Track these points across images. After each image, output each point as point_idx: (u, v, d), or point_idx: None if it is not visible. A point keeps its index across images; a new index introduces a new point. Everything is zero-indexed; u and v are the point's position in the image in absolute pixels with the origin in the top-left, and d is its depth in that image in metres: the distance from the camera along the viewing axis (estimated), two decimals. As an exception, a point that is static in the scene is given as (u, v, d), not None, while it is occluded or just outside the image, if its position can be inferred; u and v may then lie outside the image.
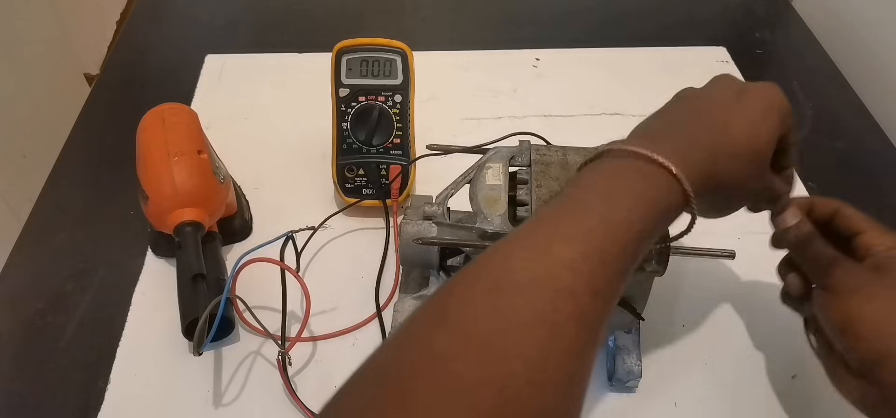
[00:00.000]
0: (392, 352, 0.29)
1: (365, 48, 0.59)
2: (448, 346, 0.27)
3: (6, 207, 0.98)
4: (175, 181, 0.53)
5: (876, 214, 0.45)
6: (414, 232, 0.49)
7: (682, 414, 0.51)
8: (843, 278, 0.41)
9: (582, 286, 0.29)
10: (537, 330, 0.27)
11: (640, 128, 0.40)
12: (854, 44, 0.85)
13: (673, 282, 0.58)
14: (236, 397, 0.51)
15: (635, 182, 0.33)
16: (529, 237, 0.31)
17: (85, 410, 0.50)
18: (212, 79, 0.81)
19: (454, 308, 0.29)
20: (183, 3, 0.97)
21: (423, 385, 0.26)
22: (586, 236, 0.30)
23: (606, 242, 0.31)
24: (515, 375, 0.26)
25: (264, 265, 0.49)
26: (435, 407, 0.25)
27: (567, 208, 0.33)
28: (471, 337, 0.27)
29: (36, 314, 0.57)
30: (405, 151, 0.61)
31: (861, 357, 0.39)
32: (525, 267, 0.29)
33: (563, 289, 0.28)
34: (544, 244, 0.30)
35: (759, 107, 0.38)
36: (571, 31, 0.90)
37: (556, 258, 0.29)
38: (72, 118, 0.76)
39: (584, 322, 0.29)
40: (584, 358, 0.29)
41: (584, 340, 0.29)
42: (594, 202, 0.32)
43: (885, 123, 0.76)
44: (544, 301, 0.28)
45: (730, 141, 0.37)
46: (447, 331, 0.28)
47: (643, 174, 0.34)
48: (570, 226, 0.31)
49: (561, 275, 0.29)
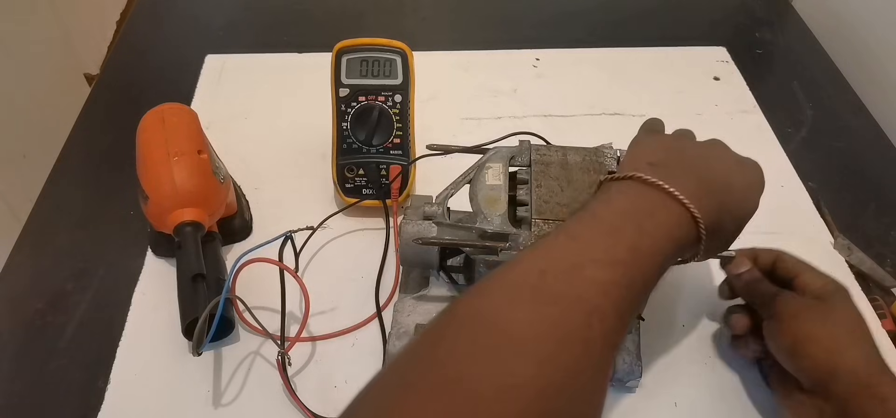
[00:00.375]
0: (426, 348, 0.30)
1: (365, 48, 0.59)
2: (494, 344, 0.29)
3: (6, 207, 0.98)
4: (175, 181, 0.53)
5: (875, 214, 0.46)
6: (414, 232, 0.49)
7: (682, 414, 0.51)
8: (789, 306, 0.45)
9: (611, 308, 0.31)
10: (574, 343, 0.30)
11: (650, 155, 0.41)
12: (854, 44, 0.85)
13: (673, 282, 0.58)
14: (236, 397, 0.51)
15: (663, 216, 0.36)
16: (564, 255, 0.33)
17: (85, 410, 0.50)
18: (212, 79, 0.81)
19: (497, 311, 0.30)
20: (183, 3, 0.97)
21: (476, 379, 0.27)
22: (618, 263, 0.33)
23: (634, 270, 0.33)
24: (554, 382, 0.28)
25: (264, 265, 0.49)
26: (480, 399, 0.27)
27: (601, 230, 0.35)
28: (515, 340, 0.29)
29: (36, 314, 0.57)
30: (405, 151, 0.61)
31: (814, 374, 0.43)
32: (561, 284, 0.31)
33: (595, 310, 0.31)
34: (579, 264, 0.32)
35: (754, 179, 0.43)
36: (571, 31, 0.90)
37: (590, 280, 0.32)
38: (72, 118, 0.76)
39: (610, 341, 0.32)
40: (607, 373, 0.32)
41: (608, 358, 0.32)
42: (628, 230, 0.35)
43: (885, 123, 0.76)
44: (580, 318, 0.30)
45: (732, 200, 0.41)
46: (493, 331, 0.29)
47: (670, 211, 0.36)
48: (604, 251, 0.33)
49: (593, 297, 0.31)
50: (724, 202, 0.40)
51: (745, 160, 0.44)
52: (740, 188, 0.41)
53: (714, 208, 0.38)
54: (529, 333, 0.29)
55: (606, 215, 0.36)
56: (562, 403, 0.28)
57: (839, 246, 0.62)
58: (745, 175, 0.42)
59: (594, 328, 0.30)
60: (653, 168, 0.38)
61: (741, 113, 0.77)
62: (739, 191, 0.41)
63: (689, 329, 0.56)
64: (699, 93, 0.80)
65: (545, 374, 0.28)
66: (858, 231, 0.64)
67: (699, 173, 0.39)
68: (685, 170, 0.39)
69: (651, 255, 0.34)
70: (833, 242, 0.63)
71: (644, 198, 0.37)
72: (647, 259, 0.34)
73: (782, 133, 0.74)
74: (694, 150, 0.43)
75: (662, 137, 0.45)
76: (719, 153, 0.43)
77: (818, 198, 0.66)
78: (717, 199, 0.39)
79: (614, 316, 0.31)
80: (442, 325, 0.31)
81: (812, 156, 0.72)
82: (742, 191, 0.41)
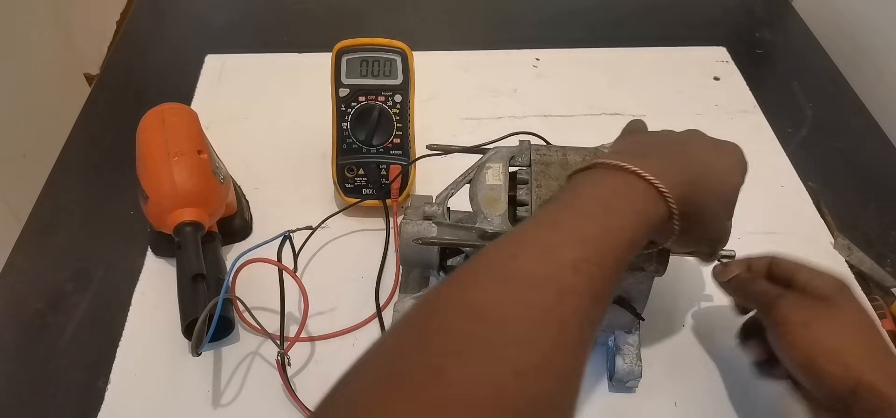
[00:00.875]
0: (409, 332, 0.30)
1: (365, 48, 0.59)
2: (469, 328, 0.29)
3: (6, 207, 0.98)
4: (175, 181, 0.53)
5: (875, 214, 0.46)
6: (414, 232, 0.49)
7: (682, 414, 0.51)
8: (792, 311, 0.43)
9: (583, 286, 0.31)
10: (548, 323, 0.30)
11: (622, 148, 0.43)
12: (854, 44, 0.85)
13: (673, 282, 0.58)
14: (236, 397, 0.51)
15: (629, 195, 0.36)
16: (534, 238, 0.34)
17: (85, 410, 0.50)
18: (212, 79, 0.81)
19: (472, 295, 0.31)
20: (183, 3, 0.97)
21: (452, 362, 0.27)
22: (587, 241, 0.33)
23: (604, 247, 0.33)
24: (529, 362, 0.28)
25: (264, 265, 0.49)
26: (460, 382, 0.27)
27: (568, 214, 0.35)
28: (490, 322, 0.29)
29: (36, 314, 0.57)
30: (405, 151, 0.61)
31: (832, 392, 0.41)
32: (532, 265, 0.32)
33: (567, 288, 0.31)
34: (549, 246, 0.33)
35: (733, 159, 0.42)
36: (571, 31, 0.90)
37: (560, 259, 0.32)
38: (72, 118, 0.77)
39: (586, 320, 0.31)
40: (584, 354, 0.32)
41: (585, 337, 0.32)
42: (595, 210, 0.35)
43: (885, 123, 0.76)
44: (552, 297, 0.30)
45: (707, 176, 0.40)
46: (469, 317, 0.29)
47: (635, 188, 0.37)
48: (574, 231, 0.34)
49: (565, 275, 0.31)
50: (701, 178, 0.40)
51: (722, 142, 0.43)
52: (719, 167, 0.41)
53: (686, 183, 0.38)
54: (504, 315, 0.29)
55: (574, 201, 0.37)
56: (539, 383, 0.28)
57: (839, 246, 0.62)
58: (723, 155, 0.42)
59: (567, 305, 0.31)
60: (618, 155, 0.39)
61: (741, 113, 0.77)
62: (718, 171, 0.41)
63: (689, 329, 0.56)
64: (699, 93, 0.80)
65: (521, 355, 0.28)
66: (858, 231, 0.64)
67: (670, 154, 0.40)
68: (655, 153, 0.40)
69: (620, 231, 0.35)
70: (833, 242, 0.63)
71: (610, 179, 0.37)
72: (617, 235, 0.34)
73: (782, 133, 0.74)
74: (666, 137, 0.43)
75: (636, 134, 0.46)
76: (694, 138, 0.43)
77: (818, 198, 0.66)
78: (690, 176, 0.39)
79: (588, 295, 0.31)
80: (420, 316, 0.31)
81: (812, 156, 0.72)
82: (720, 171, 0.41)
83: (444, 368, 0.27)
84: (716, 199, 0.41)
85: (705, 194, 0.40)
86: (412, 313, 0.31)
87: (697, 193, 0.39)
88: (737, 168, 0.42)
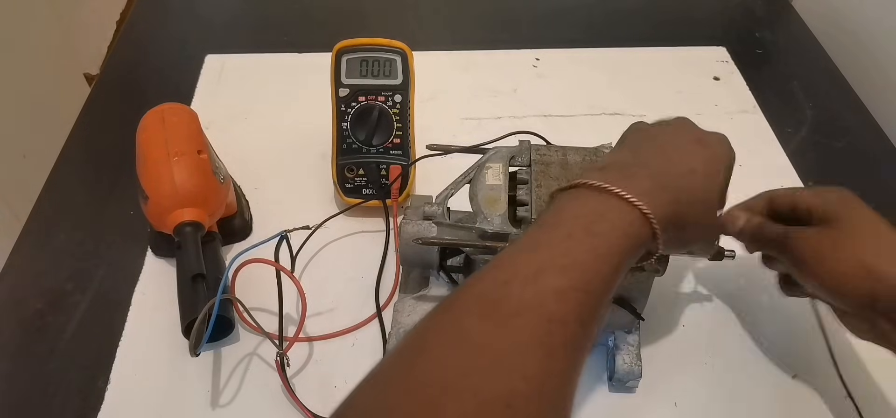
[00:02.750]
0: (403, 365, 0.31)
1: (365, 48, 0.59)
2: (461, 362, 0.29)
3: (6, 207, 0.98)
4: (175, 181, 0.53)
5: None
6: (414, 232, 0.49)
7: (682, 414, 0.51)
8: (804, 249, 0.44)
9: (571, 314, 0.32)
10: (536, 352, 0.30)
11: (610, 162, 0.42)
12: (854, 44, 0.85)
13: (673, 282, 0.58)
14: (235, 397, 0.51)
15: (614, 217, 0.37)
16: (525, 265, 0.34)
17: (85, 410, 0.50)
18: (212, 79, 0.81)
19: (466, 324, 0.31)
20: (183, 3, 0.97)
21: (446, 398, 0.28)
22: (573, 267, 0.34)
23: (590, 274, 0.34)
24: (519, 392, 0.29)
25: (263, 265, 0.49)
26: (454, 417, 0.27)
27: (554, 238, 0.35)
28: (482, 354, 0.30)
29: (36, 314, 0.57)
30: (405, 151, 0.61)
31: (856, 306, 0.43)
32: (522, 294, 0.32)
33: (554, 316, 0.31)
34: (536, 273, 0.33)
35: (718, 153, 0.42)
36: (571, 31, 0.90)
37: (547, 287, 0.32)
38: (72, 118, 0.76)
39: (574, 346, 0.32)
40: (573, 380, 0.32)
41: (574, 363, 0.32)
42: (579, 235, 0.35)
43: (885, 123, 0.76)
44: (541, 326, 0.31)
45: (692, 187, 0.40)
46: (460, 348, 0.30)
47: (619, 210, 0.37)
48: (560, 256, 0.34)
49: (552, 304, 0.32)
50: (686, 190, 0.40)
51: (708, 136, 0.43)
52: (703, 171, 0.41)
53: (670, 201, 0.38)
54: (495, 349, 0.30)
55: (558, 223, 0.37)
56: (531, 410, 0.29)
57: (839, 246, 0.62)
58: (708, 154, 0.42)
59: (555, 335, 0.31)
60: (602, 172, 0.39)
61: (741, 113, 0.77)
62: (702, 175, 0.41)
63: (689, 329, 0.56)
64: (699, 93, 0.80)
65: (512, 386, 0.29)
66: (858, 231, 0.64)
67: (655, 168, 0.40)
68: (640, 167, 0.40)
69: (607, 257, 0.35)
70: (833, 242, 0.62)
71: (593, 201, 0.37)
72: (603, 260, 0.35)
73: (782, 133, 0.74)
74: (652, 143, 0.43)
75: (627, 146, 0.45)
76: (679, 140, 0.43)
77: (818, 198, 0.66)
78: (675, 191, 0.39)
79: (575, 322, 0.32)
80: (414, 348, 0.32)
81: (812, 156, 0.72)
82: (704, 176, 0.41)
83: (438, 402, 0.28)
84: (700, 209, 0.41)
85: (689, 205, 0.40)
86: (406, 343, 0.32)
87: (681, 205, 0.39)
88: (722, 164, 0.42)
